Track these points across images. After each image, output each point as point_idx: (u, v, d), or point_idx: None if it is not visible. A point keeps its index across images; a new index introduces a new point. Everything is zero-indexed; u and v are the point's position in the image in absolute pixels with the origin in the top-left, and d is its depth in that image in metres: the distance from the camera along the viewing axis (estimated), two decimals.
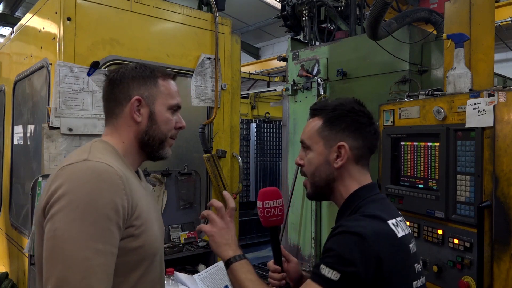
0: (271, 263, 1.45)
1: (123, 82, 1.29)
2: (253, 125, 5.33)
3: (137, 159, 1.33)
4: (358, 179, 1.30)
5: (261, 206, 1.40)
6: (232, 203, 1.37)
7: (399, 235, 1.18)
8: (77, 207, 1.03)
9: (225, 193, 1.43)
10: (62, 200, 1.05)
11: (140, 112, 1.28)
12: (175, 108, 1.35)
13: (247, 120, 5.54)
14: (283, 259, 1.46)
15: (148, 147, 1.31)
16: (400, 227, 1.21)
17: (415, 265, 1.21)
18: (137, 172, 1.35)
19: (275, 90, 6.72)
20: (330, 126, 1.30)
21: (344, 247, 1.10)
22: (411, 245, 1.22)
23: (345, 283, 1.07)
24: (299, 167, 1.39)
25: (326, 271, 1.09)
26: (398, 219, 1.24)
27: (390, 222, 1.19)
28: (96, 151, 1.18)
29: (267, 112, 6.19)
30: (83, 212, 1.03)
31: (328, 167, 1.30)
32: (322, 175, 1.32)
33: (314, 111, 1.37)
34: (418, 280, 1.21)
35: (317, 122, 1.33)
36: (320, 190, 1.34)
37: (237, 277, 1.24)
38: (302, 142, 1.37)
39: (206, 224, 1.35)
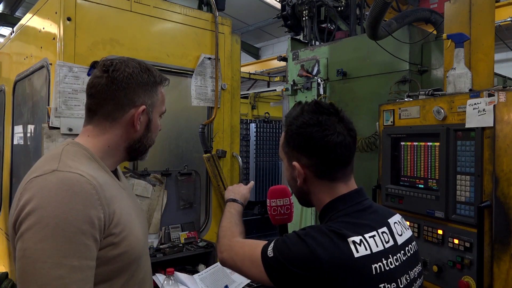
0: None
1: (130, 87, 1.21)
2: (253, 125, 5.31)
3: (118, 161, 1.28)
4: (328, 192, 1.23)
5: (268, 204, 1.44)
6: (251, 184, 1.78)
7: (358, 255, 1.07)
8: (47, 225, 0.97)
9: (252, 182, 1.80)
10: (31, 217, 0.98)
11: (140, 120, 1.24)
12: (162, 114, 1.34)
13: (247, 120, 5.52)
14: None
15: (136, 152, 1.28)
16: (367, 243, 1.10)
17: (381, 285, 1.09)
18: (115, 171, 1.29)
19: (275, 90, 6.71)
20: (288, 143, 1.25)
21: (292, 249, 1.10)
22: (376, 265, 1.09)
23: (275, 265, 1.11)
24: None
25: (270, 247, 1.15)
26: (371, 234, 1.13)
27: (352, 239, 1.08)
28: (67, 158, 1.10)
29: (267, 112, 6.18)
30: (54, 230, 0.97)
31: (295, 183, 1.27)
32: (293, 189, 1.32)
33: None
34: None
35: (283, 137, 1.29)
36: (301, 202, 1.34)
37: (224, 211, 1.55)
38: None
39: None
